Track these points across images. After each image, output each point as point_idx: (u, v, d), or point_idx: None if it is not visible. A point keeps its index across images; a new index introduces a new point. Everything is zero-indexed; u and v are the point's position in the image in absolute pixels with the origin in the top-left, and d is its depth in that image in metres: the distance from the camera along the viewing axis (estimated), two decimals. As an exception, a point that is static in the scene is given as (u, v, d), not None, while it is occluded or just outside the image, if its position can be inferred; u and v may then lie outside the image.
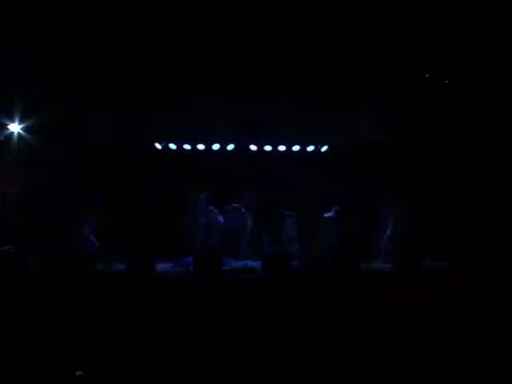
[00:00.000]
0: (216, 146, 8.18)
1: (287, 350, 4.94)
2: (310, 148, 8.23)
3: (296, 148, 8.21)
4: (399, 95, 7.63)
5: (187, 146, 8.22)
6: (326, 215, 7.44)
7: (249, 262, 6.98)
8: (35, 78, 6.87)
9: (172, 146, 8.23)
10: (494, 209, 7.28)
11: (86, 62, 6.95)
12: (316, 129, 7.99)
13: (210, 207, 7.50)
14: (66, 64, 6.92)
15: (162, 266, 6.48)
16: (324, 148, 8.27)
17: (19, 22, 6.22)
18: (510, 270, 5.82)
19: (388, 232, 7.26)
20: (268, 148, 8.21)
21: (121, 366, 4.52)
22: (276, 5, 6.15)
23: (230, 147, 8.20)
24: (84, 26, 6.40)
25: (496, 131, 7.40)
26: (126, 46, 6.76)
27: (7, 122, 7.12)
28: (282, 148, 8.22)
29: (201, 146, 8.19)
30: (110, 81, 7.22)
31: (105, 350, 4.77)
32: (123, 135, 7.84)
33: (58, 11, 6.15)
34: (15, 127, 7.20)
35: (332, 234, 7.19)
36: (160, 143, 8.16)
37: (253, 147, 8.17)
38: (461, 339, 5.02)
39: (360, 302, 5.52)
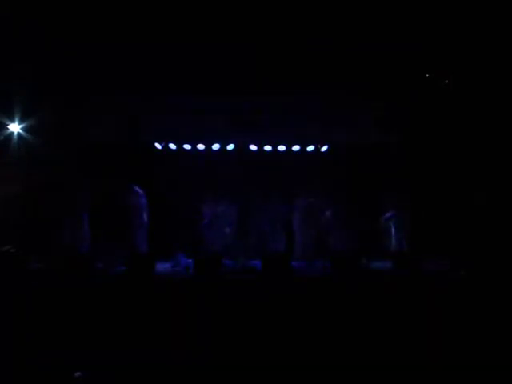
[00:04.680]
0: (216, 146, 8.20)
1: (287, 350, 4.95)
2: (310, 148, 8.24)
3: (296, 148, 8.23)
4: (399, 96, 7.64)
5: (187, 146, 8.24)
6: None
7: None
8: (35, 77, 6.88)
9: (172, 146, 8.25)
10: (494, 209, 7.28)
11: (86, 62, 6.96)
12: (316, 129, 8.01)
13: None
14: (66, 63, 6.93)
15: (162, 266, 6.49)
16: (324, 148, 8.27)
17: (19, 22, 6.23)
18: (510, 269, 5.83)
19: (389, 232, 7.27)
20: (268, 148, 8.22)
21: (120, 367, 4.52)
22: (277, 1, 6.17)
23: (230, 147, 8.21)
24: (84, 25, 6.40)
25: (496, 131, 7.40)
26: (126, 45, 6.76)
27: (7, 122, 7.13)
28: (281, 148, 8.24)
29: (201, 146, 8.22)
30: (109, 80, 7.22)
31: (104, 350, 4.77)
32: (123, 135, 7.84)
33: (58, 11, 6.16)
34: (15, 127, 7.21)
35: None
36: (160, 143, 8.18)
37: (253, 147, 8.19)
38: (461, 339, 5.03)
39: (360, 301, 5.52)
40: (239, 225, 7.66)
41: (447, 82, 7.48)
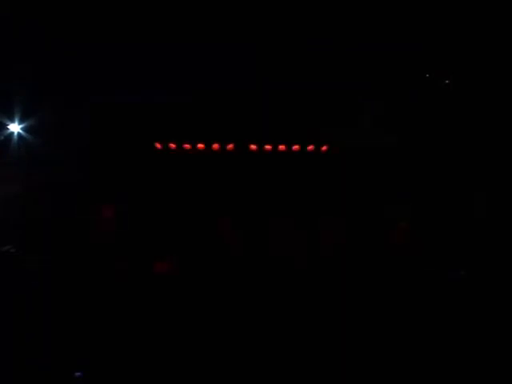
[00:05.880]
0: (216, 146, 8.20)
1: (287, 349, 4.95)
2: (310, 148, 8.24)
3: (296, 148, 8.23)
4: (399, 96, 7.64)
5: (187, 146, 8.24)
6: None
7: None
8: (35, 77, 6.88)
9: (172, 146, 8.24)
10: (494, 209, 7.28)
11: (86, 62, 6.96)
12: (316, 129, 8.01)
13: None
14: (66, 63, 6.93)
15: (161, 266, 6.49)
16: (324, 148, 8.27)
17: (19, 22, 6.23)
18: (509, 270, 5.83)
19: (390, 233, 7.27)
20: (268, 148, 8.22)
21: (120, 367, 4.52)
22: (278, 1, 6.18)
23: (230, 147, 8.21)
24: (84, 25, 6.41)
25: (496, 131, 7.40)
26: (126, 45, 6.76)
27: (7, 122, 7.14)
28: (281, 148, 8.24)
29: (201, 146, 8.22)
30: (109, 80, 7.22)
31: (104, 350, 4.77)
32: (123, 136, 7.84)
33: (58, 11, 6.16)
34: (15, 127, 7.22)
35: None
36: (160, 143, 8.17)
37: (253, 147, 8.19)
38: (461, 339, 5.03)
39: (360, 301, 5.53)
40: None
41: (447, 81, 7.48)
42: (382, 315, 5.37)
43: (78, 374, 4.22)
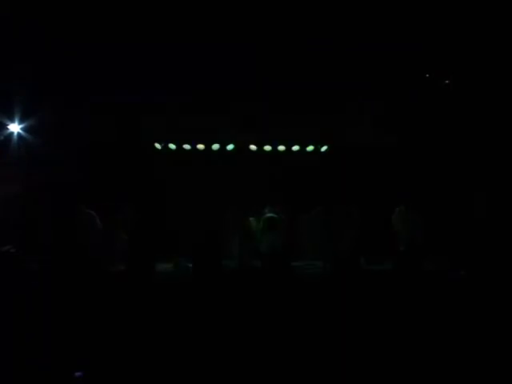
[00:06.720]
0: (216, 146, 8.21)
1: (286, 350, 4.95)
2: (310, 148, 8.26)
3: (296, 148, 8.24)
4: (399, 96, 7.64)
5: (187, 146, 8.25)
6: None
7: None
8: (35, 77, 6.89)
9: (172, 146, 8.26)
10: (494, 208, 7.29)
11: (86, 62, 6.97)
12: (316, 129, 8.03)
13: None
14: (66, 63, 6.94)
15: (162, 267, 6.50)
16: (324, 148, 8.28)
17: (19, 22, 6.23)
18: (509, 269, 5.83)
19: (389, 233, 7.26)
20: (268, 148, 8.24)
21: (120, 368, 4.52)
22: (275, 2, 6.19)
23: (230, 147, 8.22)
24: (84, 25, 6.41)
25: (496, 133, 7.40)
26: (126, 45, 6.77)
27: (7, 122, 7.15)
28: (281, 148, 8.25)
29: (201, 146, 8.23)
30: (109, 80, 7.23)
31: (104, 350, 4.77)
32: (123, 135, 7.86)
33: (58, 11, 6.16)
34: (15, 127, 7.22)
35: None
36: (160, 143, 8.19)
37: (253, 147, 8.20)
38: (461, 339, 5.03)
39: (360, 301, 5.52)
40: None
41: (447, 81, 7.49)
42: (382, 315, 5.37)
43: (78, 373, 4.22)
